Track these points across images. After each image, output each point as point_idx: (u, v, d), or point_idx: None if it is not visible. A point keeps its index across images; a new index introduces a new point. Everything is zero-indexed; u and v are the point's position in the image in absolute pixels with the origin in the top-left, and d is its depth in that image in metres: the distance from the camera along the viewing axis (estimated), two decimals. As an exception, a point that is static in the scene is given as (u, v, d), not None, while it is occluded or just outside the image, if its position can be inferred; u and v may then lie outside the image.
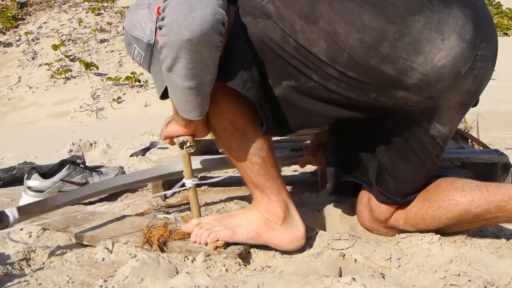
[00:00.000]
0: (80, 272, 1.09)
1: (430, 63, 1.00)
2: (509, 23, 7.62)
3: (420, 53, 0.99)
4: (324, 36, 1.01)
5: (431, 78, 1.01)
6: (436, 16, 0.99)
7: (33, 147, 3.35)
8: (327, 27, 1.00)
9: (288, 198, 1.16)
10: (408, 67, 1.00)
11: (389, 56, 0.99)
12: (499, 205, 1.06)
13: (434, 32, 0.99)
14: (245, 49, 1.03)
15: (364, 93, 1.04)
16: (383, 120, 1.12)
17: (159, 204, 1.59)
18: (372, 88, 1.03)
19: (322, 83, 1.04)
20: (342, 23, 0.99)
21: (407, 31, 0.98)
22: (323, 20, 1.01)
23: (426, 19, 0.98)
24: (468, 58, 1.02)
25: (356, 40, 0.99)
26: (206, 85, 1.00)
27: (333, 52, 1.01)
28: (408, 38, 0.98)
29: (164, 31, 0.93)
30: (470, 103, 1.13)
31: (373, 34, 0.98)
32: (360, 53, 0.99)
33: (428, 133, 1.10)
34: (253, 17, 1.05)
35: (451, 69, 1.01)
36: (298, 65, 1.04)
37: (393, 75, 1.01)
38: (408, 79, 1.01)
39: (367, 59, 1.00)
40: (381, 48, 0.99)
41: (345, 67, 1.01)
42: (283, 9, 1.04)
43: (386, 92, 1.04)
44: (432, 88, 1.03)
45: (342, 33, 0.99)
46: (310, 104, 1.08)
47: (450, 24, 0.99)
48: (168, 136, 1.20)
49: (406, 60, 0.99)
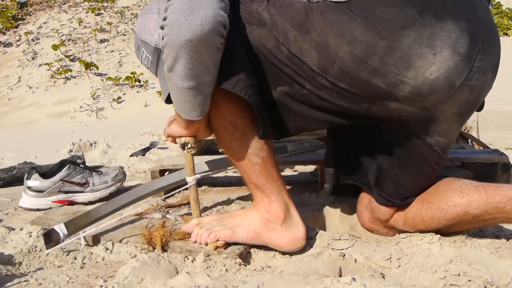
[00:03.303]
0: (80, 272, 1.09)
1: (421, 77, 0.99)
2: (509, 23, 7.61)
3: (410, 68, 0.98)
4: (316, 46, 1.01)
5: (423, 90, 1.00)
6: (428, 31, 0.98)
7: (33, 147, 3.35)
8: (319, 38, 1.00)
9: (288, 198, 1.16)
10: (399, 81, 0.99)
11: (379, 70, 0.99)
12: (497, 206, 1.06)
13: (425, 47, 0.98)
14: (243, 54, 1.04)
15: (357, 103, 1.04)
16: (380, 127, 1.12)
17: (159, 204, 1.59)
18: (363, 98, 1.03)
19: (314, 92, 1.05)
20: (333, 35, 0.99)
21: (397, 46, 0.97)
22: (315, 30, 1.01)
23: (417, 34, 0.97)
24: (463, 70, 1.01)
25: (346, 53, 0.99)
26: (206, 85, 1.00)
27: (324, 63, 1.01)
28: (398, 53, 0.98)
29: (165, 31, 0.93)
30: (469, 113, 1.12)
31: (363, 48, 0.98)
32: (350, 65, 0.99)
33: (425, 142, 1.10)
34: (249, 24, 1.06)
35: (444, 81, 1.00)
36: (291, 73, 1.05)
37: (383, 88, 1.00)
38: (399, 92, 1.01)
39: (357, 72, 0.99)
40: (370, 62, 0.98)
41: (336, 78, 1.01)
42: (278, 17, 1.04)
43: (378, 103, 1.04)
44: (425, 100, 1.02)
45: (332, 44, 0.99)
46: (305, 110, 1.08)
47: (442, 38, 0.98)
48: (171, 135, 1.21)
49: (396, 74, 0.99)
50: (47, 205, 1.60)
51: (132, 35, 6.68)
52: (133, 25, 6.94)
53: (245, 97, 1.01)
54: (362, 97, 1.03)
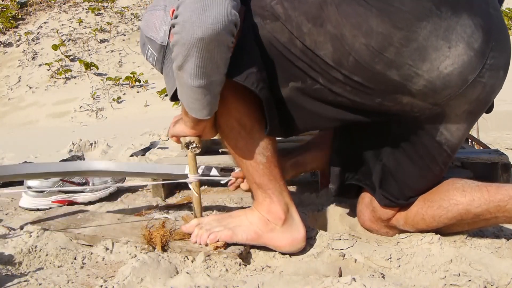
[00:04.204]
0: (80, 272, 1.09)
1: (436, 70, 0.99)
2: (509, 23, 7.62)
3: (426, 60, 0.99)
4: (331, 39, 1.01)
5: (436, 85, 1.01)
6: (444, 24, 0.98)
7: (33, 147, 3.35)
8: (334, 30, 1.00)
9: (289, 199, 1.16)
10: (414, 73, 1.00)
11: (395, 62, 0.99)
12: (499, 205, 1.06)
13: (441, 40, 0.98)
14: (255, 49, 1.03)
15: (369, 97, 1.04)
16: (390, 124, 1.12)
17: (159, 204, 1.59)
18: (377, 92, 1.03)
19: (327, 86, 1.04)
20: (349, 27, 0.99)
21: (414, 37, 0.98)
22: (330, 23, 1.00)
23: (433, 26, 0.98)
24: (476, 66, 1.01)
25: (362, 45, 0.99)
26: (216, 84, 1.00)
27: (339, 56, 1.01)
28: (414, 44, 0.98)
29: (176, 29, 0.93)
30: (480, 112, 1.12)
31: (379, 39, 0.98)
32: (365, 57, 0.99)
33: (435, 139, 1.10)
34: (262, 18, 1.06)
35: (458, 77, 1.00)
36: (305, 67, 1.04)
37: (398, 81, 1.00)
38: (413, 85, 1.01)
39: (373, 64, 0.99)
40: (386, 53, 0.98)
41: (350, 71, 1.01)
42: (291, 11, 1.03)
43: (391, 97, 1.03)
44: (438, 95, 1.02)
45: (348, 36, 0.99)
46: (316, 106, 1.08)
47: (458, 32, 0.99)
48: (175, 135, 1.21)
49: (411, 66, 0.99)
50: (47, 205, 1.60)
51: (132, 35, 6.68)
52: (133, 25, 6.94)
53: (256, 91, 1.01)
54: (376, 90, 1.02)
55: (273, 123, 1.06)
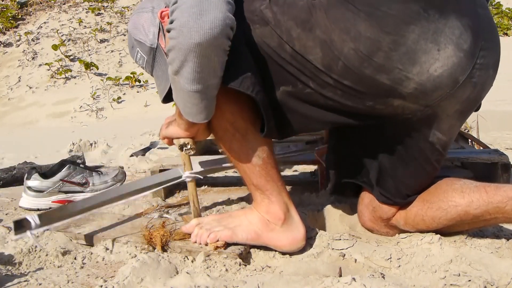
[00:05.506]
0: (80, 272, 1.09)
1: (426, 73, 0.99)
2: (509, 23, 7.61)
3: (415, 63, 0.99)
4: (320, 44, 1.01)
5: (427, 87, 1.00)
6: (432, 26, 0.98)
7: (33, 147, 3.35)
8: (323, 35, 1.00)
9: (288, 199, 1.15)
10: (404, 77, 0.99)
11: (384, 66, 0.99)
12: (498, 206, 1.06)
13: (430, 43, 0.98)
14: (247, 53, 1.03)
15: (360, 101, 1.04)
16: (382, 127, 1.12)
17: (159, 204, 1.59)
18: (368, 96, 1.03)
19: (318, 90, 1.04)
20: (338, 31, 0.99)
21: (402, 41, 0.97)
22: (319, 27, 1.00)
23: (421, 29, 0.97)
24: (466, 67, 1.01)
25: (351, 50, 0.98)
26: (212, 88, 0.99)
27: (329, 61, 1.01)
28: (403, 49, 0.98)
29: (173, 34, 0.92)
30: (470, 110, 1.12)
31: (368, 44, 0.98)
32: (354, 62, 0.99)
33: (427, 140, 1.10)
34: (252, 22, 1.05)
35: (448, 78, 1.00)
36: (295, 72, 1.04)
37: (388, 85, 1.00)
38: (403, 89, 1.01)
39: (362, 68, 0.99)
40: (375, 58, 0.98)
41: (340, 75, 1.01)
42: (280, 16, 1.03)
43: (382, 100, 1.04)
44: (428, 97, 1.02)
45: (337, 41, 0.99)
46: (308, 110, 1.08)
47: (446, 34, 0.98)
48: (168, 137, 1.20)
49: (401, 70, 0.99)
50: (47, 205, 1.60)
51: (132, 35, 6.67)
52: (133, 25, 6.94)
53: (252, 95, 1.00)
54: (366, 94, 1.02)
55: (270, 125, 1.06)
